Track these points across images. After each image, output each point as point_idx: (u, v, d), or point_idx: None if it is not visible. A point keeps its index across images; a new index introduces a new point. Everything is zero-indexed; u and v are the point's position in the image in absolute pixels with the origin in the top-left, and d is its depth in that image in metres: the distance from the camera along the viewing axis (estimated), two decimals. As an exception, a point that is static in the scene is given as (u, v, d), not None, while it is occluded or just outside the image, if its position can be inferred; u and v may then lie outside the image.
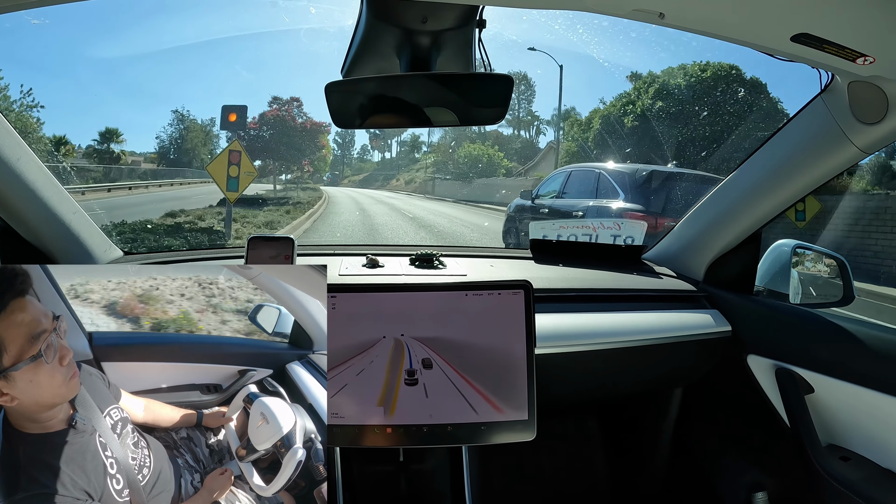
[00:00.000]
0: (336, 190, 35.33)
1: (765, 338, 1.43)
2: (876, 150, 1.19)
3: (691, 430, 1.75)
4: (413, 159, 45.51)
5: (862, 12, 0.81)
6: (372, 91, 1.09)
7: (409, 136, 47.10)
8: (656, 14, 0.86)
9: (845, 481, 1.20)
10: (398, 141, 44.92)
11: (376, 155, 53.40)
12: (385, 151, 52.54)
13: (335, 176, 45.49)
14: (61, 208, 1.38)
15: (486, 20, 1.04)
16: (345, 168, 51.52)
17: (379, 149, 51.96)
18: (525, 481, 1.90)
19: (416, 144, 45.79)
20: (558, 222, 2.41)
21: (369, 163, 53.39)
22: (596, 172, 7.04)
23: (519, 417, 1.14)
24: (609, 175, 6.75)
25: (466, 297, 1.16)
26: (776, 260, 1.53)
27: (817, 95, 1.21)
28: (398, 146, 49.45)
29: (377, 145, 49.16)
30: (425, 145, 43.43)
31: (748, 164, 1.45)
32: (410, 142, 46.08)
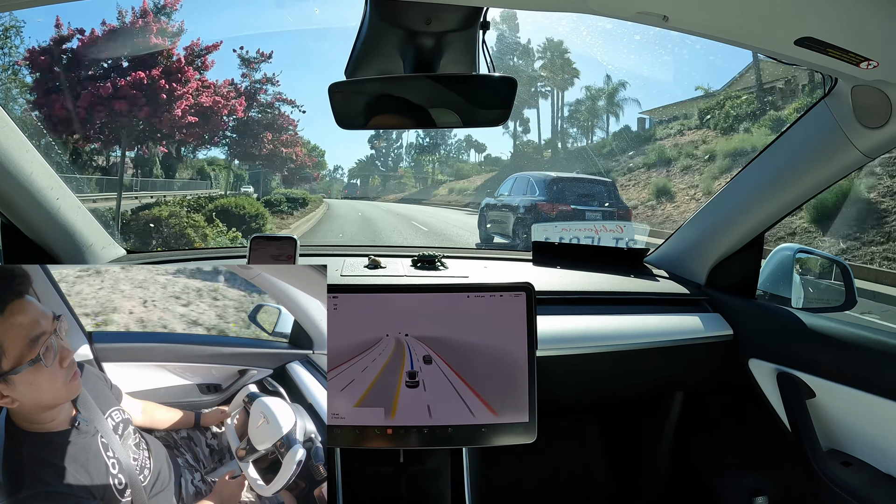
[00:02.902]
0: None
1: (766, 342, 1.43)
2: (879, 154, 1.18)
3: (692, 433, 1.74)
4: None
5: (866, 17, 0.81)
6: (375, 92, 1.09)
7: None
8: (660, 17, 0.86)
9: (846, 486, 1.19)
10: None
11: (473, 155, 31.06)
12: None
13: (352, 186, 30.38)
14: (64, 206, 1.38)
15: (490, 22, 1.04)
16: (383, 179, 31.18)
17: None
18: (525, 483, 1.90)
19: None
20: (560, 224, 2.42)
21: (467, 164, 30.46)
22: (527, 177, 10.24)
23: (519, 420, 1.14)
24: (533, 179, 9.94)
25: (468, 298, 1.16)
26: (778, 264, 1.53)
27: (821, 99, 1.21)
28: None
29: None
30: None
31: (751, 168, 1.45)
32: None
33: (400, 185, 30.56)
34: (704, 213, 1.62)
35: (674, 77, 23.61)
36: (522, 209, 9.37)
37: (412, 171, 31.20)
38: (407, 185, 30.53)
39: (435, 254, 1.69)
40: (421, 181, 30.52)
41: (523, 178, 10.26)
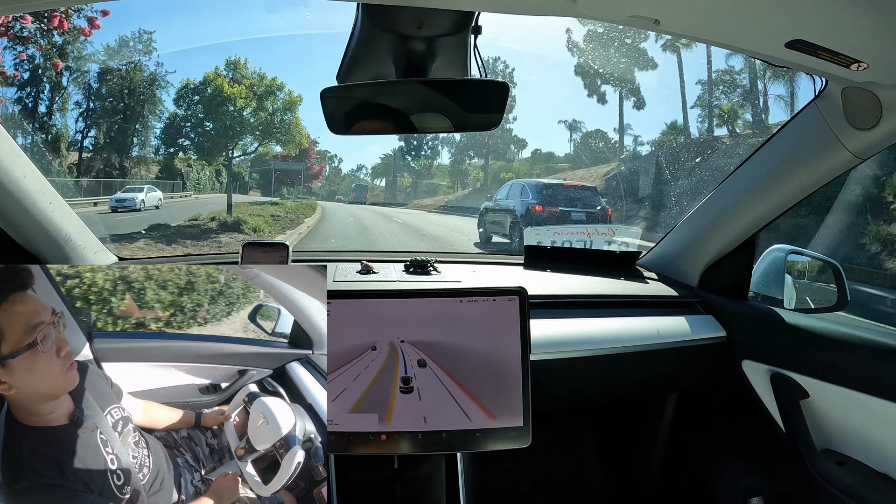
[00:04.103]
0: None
1: (759, 343, 1.44)
2: (870, 155, 1.19)
3: (686, 435, 1.75)
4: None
5: (856, 19, 0.81)
6: (367, 97, 1.09)
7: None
8: (651, 20, 0.86)
9: (841, 485, 1.20)
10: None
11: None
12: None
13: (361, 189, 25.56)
14: (56, 212, 1.37)
15: (482, 26, 1.03)
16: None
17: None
18: (520, 488, 1.89)
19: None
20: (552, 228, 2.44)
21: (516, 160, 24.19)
22: (521, 183, 11.51)
23: (514, 424, 1.14)
24: (527, 185, 11.23)
25: (461, 303, 1.15)
26: (770, 265, 1.54)
27: (811, 101, 1.21)
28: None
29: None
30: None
31: (742, 170, 1.45)
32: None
33: (432, 186, 25.57)
34: (696, 216, 1.63)
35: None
36: (517, 211, 10.51)
37: (448, 169, 25.55)
38: (441, 186, 25.50)
39: (427, 258, 1.68)
40: (460, 182, 25.00)
41: (518, 184, 11.60)
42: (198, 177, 16.11)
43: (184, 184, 15.75)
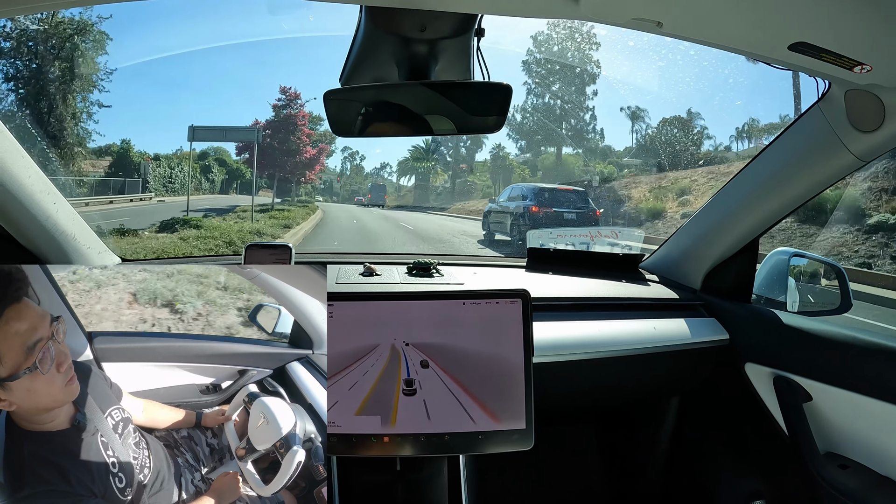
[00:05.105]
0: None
1: (762, 346, 1.43)
2: (873, 157, 1.19)
3: (689, 438, 1.74)
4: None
5: (859, 21, 0.81)
6: (370, 99, 1.09)
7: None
8: (654, 23, 0.86)
9: (844, 489, 1.19)
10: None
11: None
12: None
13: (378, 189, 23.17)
14: (60, 212, 1.37)
15: (485, 29, 1.04)
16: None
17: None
18: (522, 490, 1.89)
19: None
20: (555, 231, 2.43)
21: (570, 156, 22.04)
22: (521, 187, 12.82)
23: (516, 427, 1.13)
24: (526, 188, 12.40)
25: (464, 305, 1.15)
26: (773, 268, 1.53)
27: (815, 104, 1.21)
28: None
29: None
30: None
31: (745, 173, 1.45)
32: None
33: (466, 186, 21.33)
34: (699, 219, 1.63)
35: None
36: (518, 212, 11.66)
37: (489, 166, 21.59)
38: (477, 185, 21.65)
39: (430, 261, 1.68)
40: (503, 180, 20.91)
41: (518, 188, 12.90)
42: (168, 173, 12.47)
43: (144, 183, 12.41)
